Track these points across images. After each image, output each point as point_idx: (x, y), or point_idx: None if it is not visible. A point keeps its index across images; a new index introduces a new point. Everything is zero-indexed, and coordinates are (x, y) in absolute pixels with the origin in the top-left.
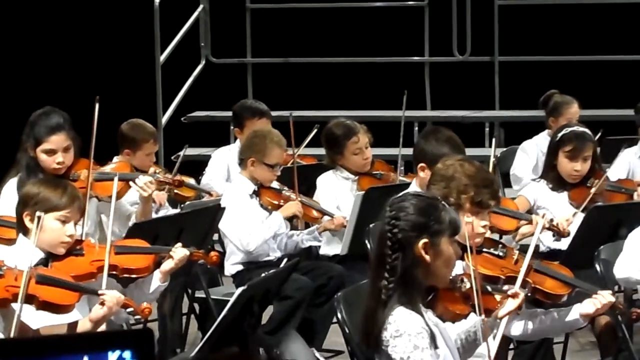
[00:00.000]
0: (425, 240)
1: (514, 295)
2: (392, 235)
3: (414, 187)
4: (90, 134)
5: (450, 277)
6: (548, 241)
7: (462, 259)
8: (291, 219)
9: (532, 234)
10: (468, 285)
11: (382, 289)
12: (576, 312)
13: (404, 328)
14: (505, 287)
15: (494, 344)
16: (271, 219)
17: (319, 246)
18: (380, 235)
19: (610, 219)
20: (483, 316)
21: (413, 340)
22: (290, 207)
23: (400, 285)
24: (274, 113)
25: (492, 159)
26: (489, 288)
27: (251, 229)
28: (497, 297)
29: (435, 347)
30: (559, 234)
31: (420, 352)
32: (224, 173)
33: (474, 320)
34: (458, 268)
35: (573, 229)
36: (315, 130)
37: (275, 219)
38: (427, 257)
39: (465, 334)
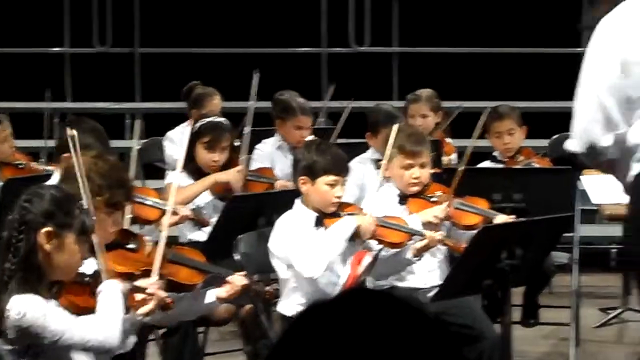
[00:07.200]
0: (49, 228)
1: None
2: (19, 217)
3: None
4: None
5: (79, 272)
6: (189, 232)
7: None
8: None
9: (175, 224)
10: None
11: (5, 270)
12: (212, 295)
13: (25, 308)
14: (138, 283)
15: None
16: None
17: None
18: (10, 219)
19: (249, 208)
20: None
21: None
22: None
23: (21, 270)
24: None
25: (134, 150)
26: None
27: None
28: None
29: None
30: (201, 223)
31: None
32: None
33: None
34: (92, 264)
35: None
36: None
37: None
38: (48, 246)
39: None
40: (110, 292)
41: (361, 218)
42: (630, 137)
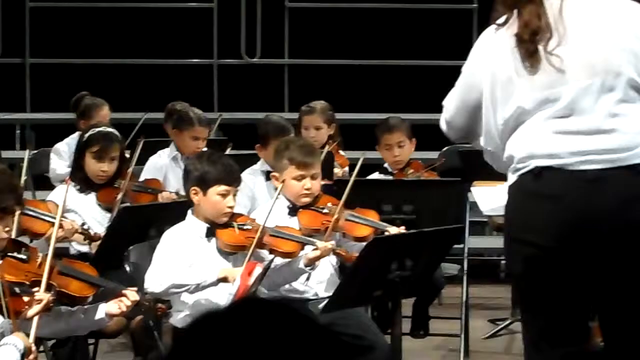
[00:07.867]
0: None
1: (40, 300)
2: None
3: None
4: None
5: None
6: (78, 245)
7: None
8: None
9: (65, 238)
10: None
11: None
12: (102, 311)
13: None
14: (35, 289)
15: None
16: None
17: None
18: None
19: (140, 220)
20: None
21: None
22: None
23: None
24: None
25: (25, 161)
26: (16, 290)
27: None
28: (25, 298)
29: None
30: (90, 238)
31: None
32: None
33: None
34: None
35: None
36: None
37: None
38: None
39: None
40: (9, 352)
41: (228, 271)
42: (508, 149)
